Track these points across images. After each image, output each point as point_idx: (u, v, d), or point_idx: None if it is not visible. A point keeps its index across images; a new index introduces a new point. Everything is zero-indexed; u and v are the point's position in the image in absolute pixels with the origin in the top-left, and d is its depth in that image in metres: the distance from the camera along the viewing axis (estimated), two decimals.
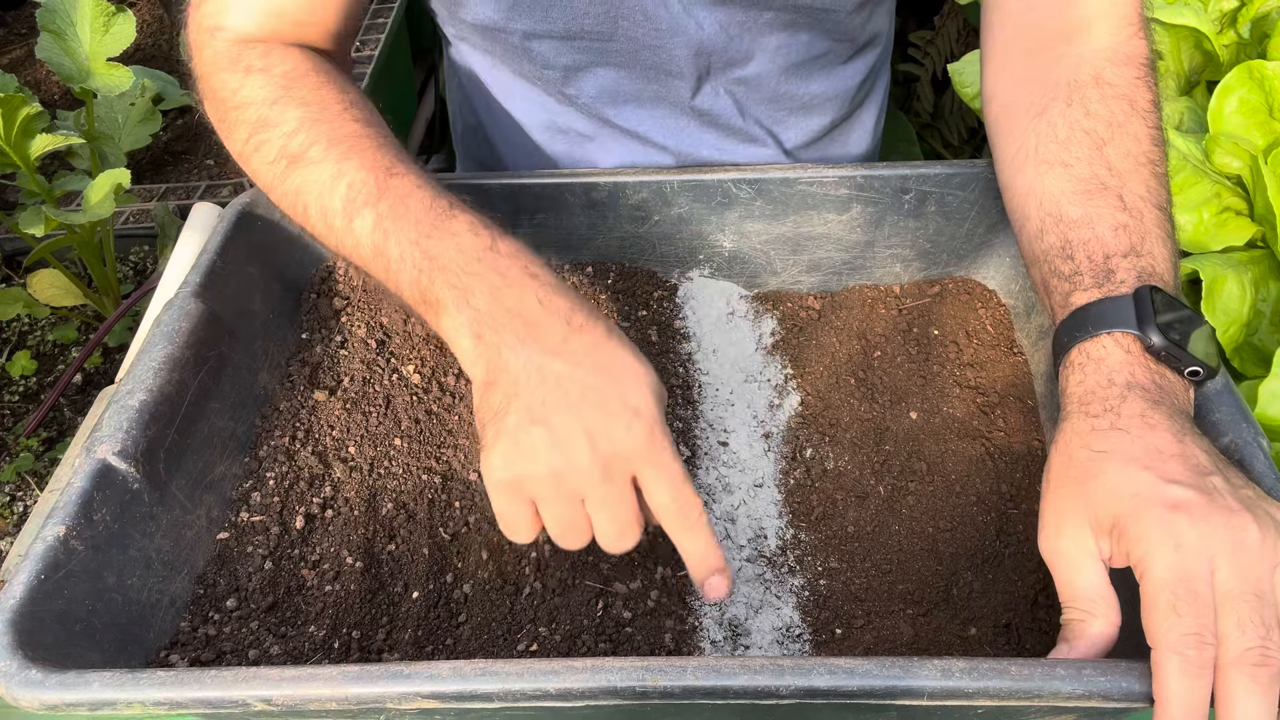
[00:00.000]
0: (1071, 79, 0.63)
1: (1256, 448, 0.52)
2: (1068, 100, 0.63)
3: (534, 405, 0.51)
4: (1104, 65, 0.63)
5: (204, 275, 0.67)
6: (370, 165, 0.58)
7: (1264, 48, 0.95)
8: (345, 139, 0.60)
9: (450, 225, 0.56)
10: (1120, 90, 0.62)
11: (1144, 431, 0.49)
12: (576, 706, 0.45)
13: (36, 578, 0.49)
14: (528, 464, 0.50)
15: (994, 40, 0.70)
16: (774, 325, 0.78)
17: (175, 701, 0.44)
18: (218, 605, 0.58)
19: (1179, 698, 0.42)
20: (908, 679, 0.43)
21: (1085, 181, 0.59)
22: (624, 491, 0.51)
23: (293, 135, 0.61)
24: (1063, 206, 0.59)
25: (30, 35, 2.21)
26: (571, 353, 0.52)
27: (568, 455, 0.50)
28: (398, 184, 0.57)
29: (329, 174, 0.58)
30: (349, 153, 0.59)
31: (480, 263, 0.54)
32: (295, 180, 0.60)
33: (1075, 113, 0.62)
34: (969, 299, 0.78)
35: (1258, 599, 0.43)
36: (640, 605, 0.58)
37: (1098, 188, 0.59)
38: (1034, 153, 0.63)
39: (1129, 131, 0.60)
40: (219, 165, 1.72)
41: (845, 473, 0.67)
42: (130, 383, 0.59)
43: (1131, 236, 0.57)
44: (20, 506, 1.35)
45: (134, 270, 1.63)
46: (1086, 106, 0.62)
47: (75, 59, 1.24)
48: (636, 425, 0.51)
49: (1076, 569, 0.49)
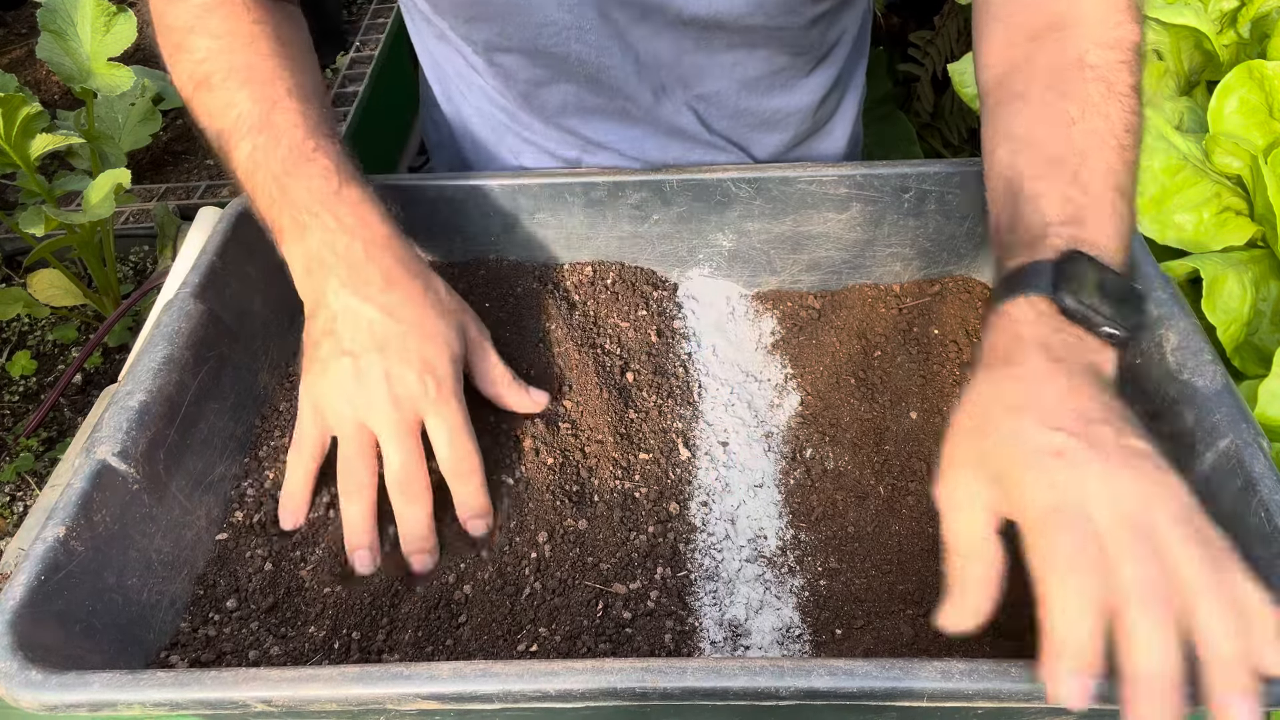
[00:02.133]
0: (1055, 63, 0.63)
1: (1256, 448, 0.52)
2: (1047, 83, 0.63)
3: (345, 340, 0.58)
4: (1088, 48, 0.63)
5: (204, 276, 0.67)
6: (258, 97, 0.64)
7: (1264, 48, 0.95)
8: (243, 69, 0.65)
9: (307, 167, 0.62)
10: (1100, 73, 0.62)
11: (1038, 384, 0.49)
12: (576, 708, 0.45)
13: (36, 578, 0.49)
14: (330, 389, 0.58)
15: (985, 27, 0.70)
16: (774, 325, 0.78)
17: (175, 702, 0.44)
18: (218, 606, 0.58)
19: (1065, 615, 0.42)
20: (908, 680, 0.43)
21: (1047, 160, 0.59)
22: (412, 429, 0.58)
23: (200, 63, 0.66)
24: (1022, 184, 0.59)
25: (30, 35, 2.21)
26: (385, 303, 0.59)
27: (365, 387, 0.58)
28: (278, 119, 0.63)
29: (223, 102, 0.64)
30: (244, 83, 0.64)
31: (323, 206, 0.61)
32: (200, 103, 0.66)
33: (1051, 95, 0.62)
34: (969, 298, 0.78)
35: (1134, 533, 0.43)
36: (640, 605, 0.58)
37: (1056, 165, 0.59)
38: (1007, 134, 0.63)
39: (1101, 112, 0.60)
40: (219, 165, 1.72)
41: (845, 473, 0.67)
42: (130, 383, 0.59)
43: (1076, 209, 0.56)
44: (20, 506, 1.35)
45: (134, 270, 1.63)
46: (1064, 89, 0.62)
47: (75, 59, 1.23)
48: (429, 378, 0.58)
49: (960, 515, 0.49)
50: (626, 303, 0.77)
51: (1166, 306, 0.60)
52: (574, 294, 0.77)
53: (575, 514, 0.63)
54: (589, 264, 0.79)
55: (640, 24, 0.73)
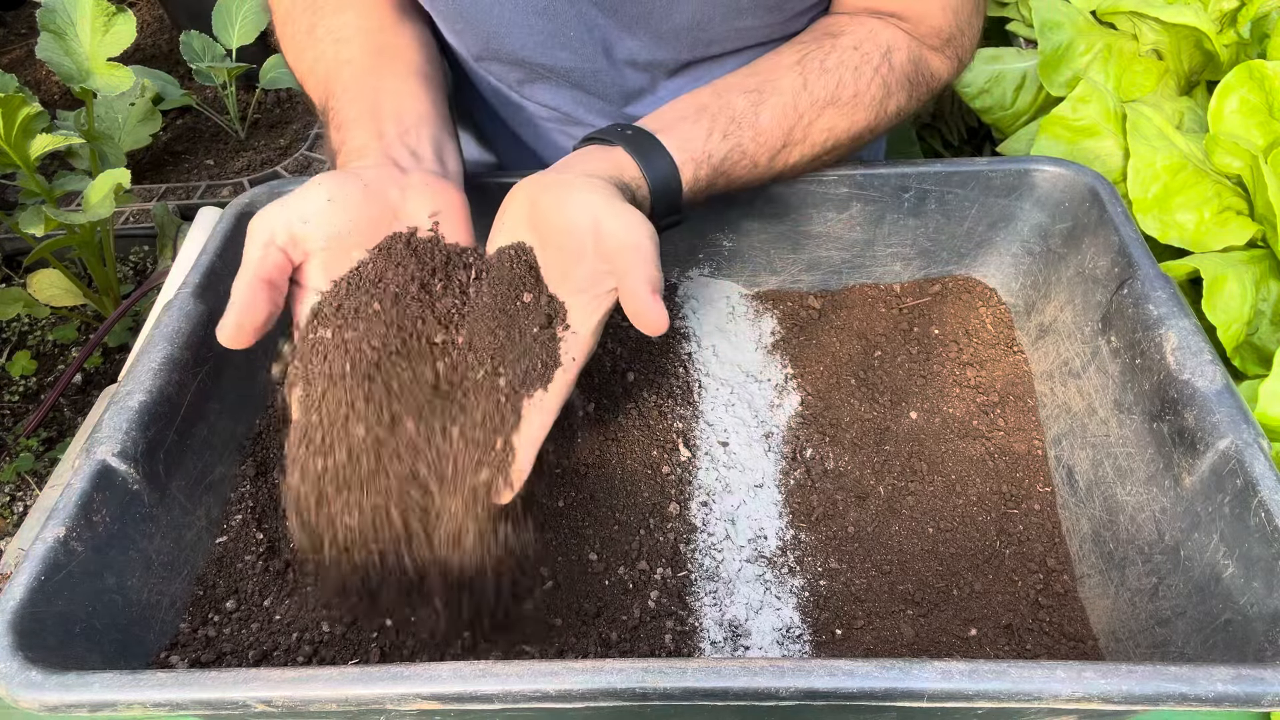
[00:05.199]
0: (868, 38, 0.67)
1: (1256, 448, 0.52)
2: (853, 46, 0.67)
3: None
4: (898, 48, 0.67)
5: (203, 276, 0.67)
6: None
7: (1264, 48, 0.95)
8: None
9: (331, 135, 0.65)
10: (887, 80, 0.67)
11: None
12: (576, 708, 0.45)
13: (36, 579, 0.49)
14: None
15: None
16: (774, 324, 0.78)
17: (175, 703, 0.44)
18: (217, 606, 0.58)
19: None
20: (908, 681, 0.43)
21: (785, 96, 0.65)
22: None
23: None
24: (755, 80, 0.66)
25: (30, 35, 2.21)
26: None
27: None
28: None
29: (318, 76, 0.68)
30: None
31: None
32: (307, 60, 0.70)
33: (841, 60, 0.66)
34: (969, 298, 0.78)
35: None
36: (640, 605, 0.58)
37: (792, 118, 0.65)
38: (798, 43, 0.69)
39: (847, 114, 0.66)
40: (219, 165, 1.72)
41: (845, 473, 0.67)
42: (130, 384, 0.59)
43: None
44: (20, 506, 1.35)
45: (134, 270, 1.63)
46: (857, 69, 0.66)
47: (75, 59, 1.23)
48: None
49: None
50: None
51: (1166, 306, 0.60)
52: None
53: (574, 514, 0.63)
54: None
55: (626, 35, 0.73)
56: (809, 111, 0.65)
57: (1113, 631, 0.58)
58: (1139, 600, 0.57)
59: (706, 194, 0.63)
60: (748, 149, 0.63)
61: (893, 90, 0.67)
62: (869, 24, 0.68)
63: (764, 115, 0.64)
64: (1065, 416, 0.68)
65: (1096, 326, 0.66)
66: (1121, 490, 0.60)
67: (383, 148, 0.59)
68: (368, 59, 0.66)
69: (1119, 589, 0.58)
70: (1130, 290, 0.62)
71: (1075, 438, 0.66)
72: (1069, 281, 0.71)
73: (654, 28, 0.71)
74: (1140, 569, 0.57)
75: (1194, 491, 0.54)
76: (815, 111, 0.65)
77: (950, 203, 0.75)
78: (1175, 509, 0.56)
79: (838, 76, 0.66)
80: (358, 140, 0.60)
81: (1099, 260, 0.67)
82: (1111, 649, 0.57)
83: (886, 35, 0.68)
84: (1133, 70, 1.02)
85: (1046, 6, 1.06)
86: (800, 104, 0.65)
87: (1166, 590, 0.55)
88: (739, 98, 0.64)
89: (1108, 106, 0.94)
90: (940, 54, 0.70)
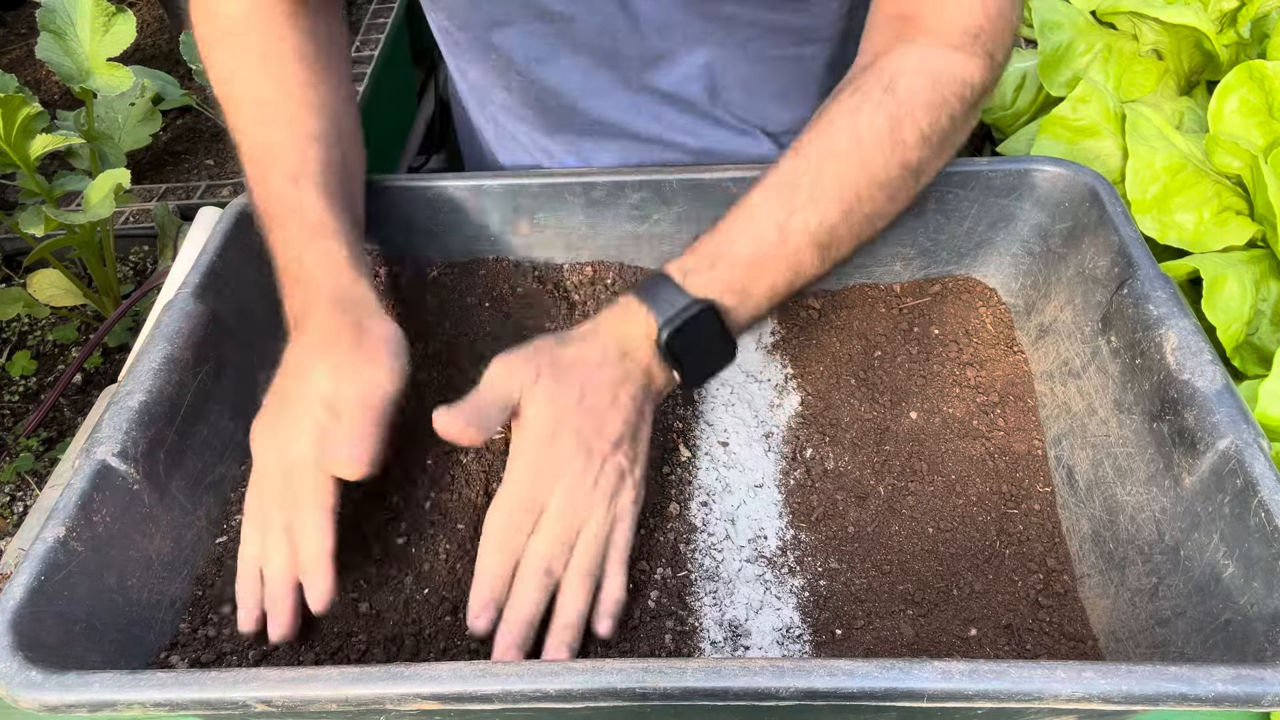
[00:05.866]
0: (870, 76, 0.63)
1: (1256, 448, 0.52)
2: (851, 91, 0.63)
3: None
4: (903, 72, 0.62)
5: (203, 276, 0.67)
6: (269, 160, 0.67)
7: (1264, 48, 0.95)
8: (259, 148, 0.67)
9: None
10: (891, 110, 0.61)
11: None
12: (576, 708, 0.45)
13: (36, 579, 0.49)
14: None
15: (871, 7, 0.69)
16: (774, 324, 0.78)
17: (175, 703, 0.44)
18: (218, 606, 0.58)
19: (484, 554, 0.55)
20: (908, 681, 0.43)
21: (782, 175, 0.61)
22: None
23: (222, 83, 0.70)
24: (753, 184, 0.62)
25: (30, 35, 2.21)
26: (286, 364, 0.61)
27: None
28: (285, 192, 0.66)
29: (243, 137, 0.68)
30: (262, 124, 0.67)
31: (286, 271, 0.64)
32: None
33: (837, 113, 0.62)
34: (969, 298, 0.78)
35: (565, 521, 0.55)
36: (640, 605, 0.58)
37: (788, 190, 0.60)
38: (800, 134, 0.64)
39: (855, 160, 0.60)
40: (219, 165, 1.72)
41: (845, 473, 0.67)
42: (130, 384, 0.59)
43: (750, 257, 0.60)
44: (20, 506, 1.35)
45: (134, 270, 1.63)
46: (855, 114, 0.61)
47: (75, 59, 1.23)
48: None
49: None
50: None
51: (1166, 306, 0.60)
52: (574, 294, 0.77)
53: None
54: (589, 264, 0.79)
55: None
56: (808, 173, 0.60)
57: (1113, 631, 0.58)
58: (1139, 600, 0.57)
59: (724, 280, 0.60)
60: (738, 227, 0.60)
61: (901, 118, 0.61)
62: (875, 64, 0.64)
63: (751, 197, 0.61)
64: (1065, 416, 0.68)
65: (1096, 326, 0.66)
66: (1121, 490, 0.60)
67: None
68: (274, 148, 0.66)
69: (1119, 589, 0.58)
70: (1130, 290, 0.62)
71: (1075, 438, 0.66)
72: (1069, 281, 0.71)
73: None
74: (1140, 569, 0.57)
75: (1194, 491, 0.54)
76: (816, 169, 0.60)
77: (950, 203, 0.75)
78: (1175, 509, 0.56)
79: (834, 130, 0.61)
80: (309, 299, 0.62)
81: (1099, 260, 0.67)
82: (1111, 649, 0.57)
83: (894, 65, 0.63)
84: (1133, 70, 1.02)
85: (1046, 6, 1.06)
86: (795, 171, 0.61)
87: (1166, 590, 0.55)
88: (731, 216, 0.62)
89: (1108, 107, 0.94)
90: (967, 53, 0.63)
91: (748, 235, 0.60)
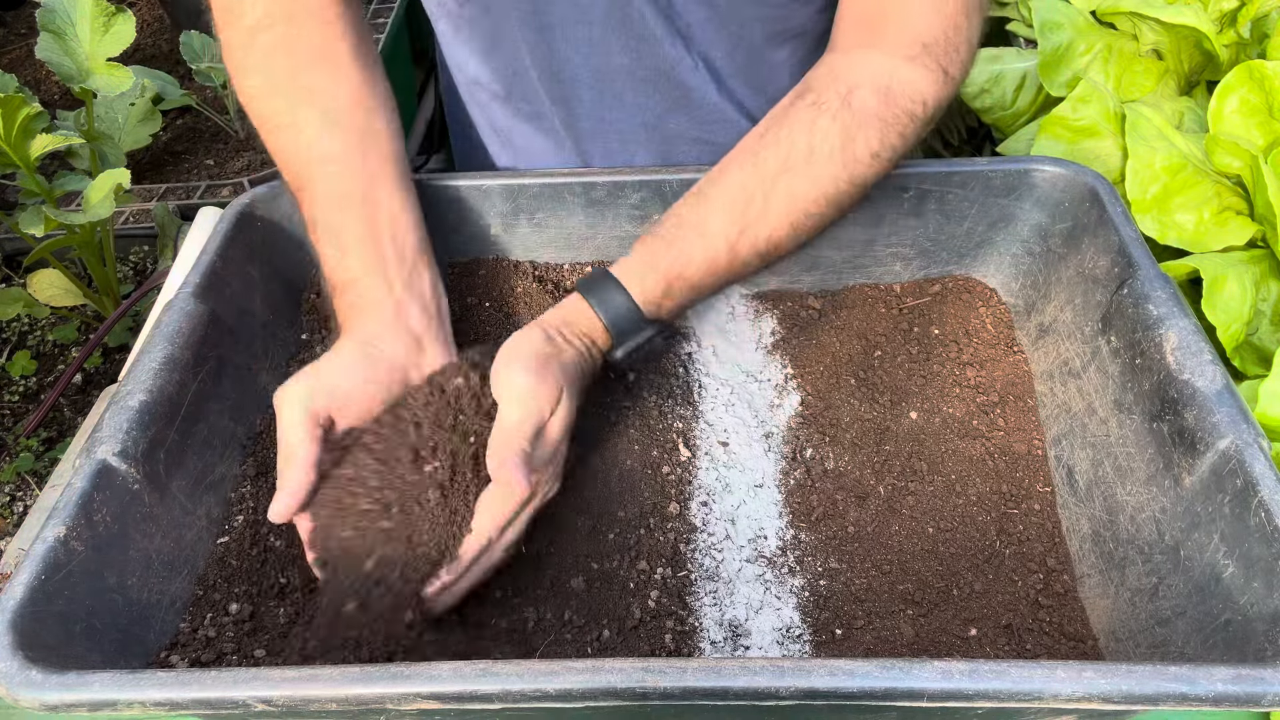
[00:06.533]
0: (828, 84, 0.64)
1: (1256, 448, 0.52)
2: (811, 101, 0.64)
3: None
4: (860, 85, 0.63)
5: (204, 276, 0.66)
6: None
7: (1264, 48, 0.95)
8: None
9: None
10: (846, 124, 0.63)
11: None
12: (576, 707, 0.45)
13: (37, 578, 0.49)
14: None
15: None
16: (774, 325, 0.78)
17: (175, 702, 0.44)
18: (218, 606, 0.58)
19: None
20: (908, 681, 0.43)
21: (736, 189, 0.63)
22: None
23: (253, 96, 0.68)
24: (701, 183, 0.65)
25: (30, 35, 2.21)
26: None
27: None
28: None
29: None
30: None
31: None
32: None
33: (793, 121, 0.64)
34: (969, 298, 0.78)
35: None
36: (640, 605, 0.58)
37: (740, 206, 0.63)
38: (755, 130, 0.66)
39: (807, 177, 0.63)
40: (219, 165, 1.72)
41: (845, 473, 0.67)
42: (130, 383, 0.59)
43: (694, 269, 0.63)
44: (20, 506, 1.35)
45: (134, 270, 1.63)
46: (811, 127, 0.63)
47: (75, 59, 1.23)
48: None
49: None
50: None
51: (1166, 306, 0.60)
52: None
53: (575, 514, 0.63)
54: (589, 264, 0.79)
55: None
56: (759, 188, 0.63)
57: (1113, 631, 0.58)
58: (1139, 600, 0.57)
59: (673, 301, 0.64)
60: (694, 248, 0.63)
61: (855, 132, 0.62)
62: (838, 66, 0.65)
63: (710, 212, 0.63)
64: (1065, 416, 0.68)
65: (1096, 326, 0.66)
66: (1121, 490, 0.60)
67: (394, 303, 0.62)
68: (352, 156, 0.66)
69: (1119, 589, 0.58)
70: (1130, 290, 0.62)
71: (1075, 438, 0.66)
72: (1069, 281, 0.71)
73: None
74: (1140, 569, 0.57)
75: (1194, 491, 0.54)
76: (768, 185, 0.63)
77: (950, 203, 0.75)
78: (1175, 509, 0.56)
79: (790, 142, 0.63)
80: (357, 270, 0.63)
81: (1099, 260, 0.67)
82: (1111, 649, 0.57)
83: (853, 74, 0.64)
84: (1133, 70, 1.02)
85: (1046, 6, 1.06)
86: (749, 185, 0.63)
87: (1166, 590, 0.55)
88: (686, 206, 0.65)
89: (1107, 107, 0.94)
90: (923, 68, 0.63)
91: (700, 254, 0.63)
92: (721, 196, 0.63)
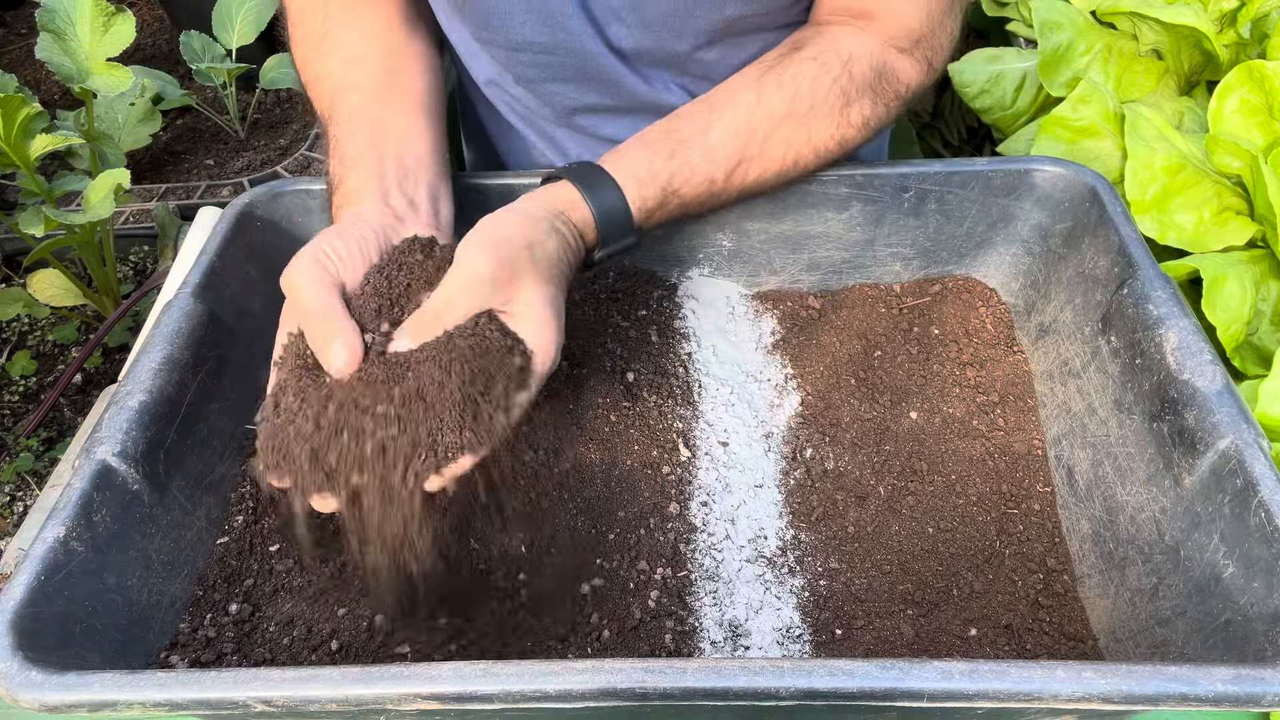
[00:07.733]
0: (829, 48, 0.67)
1: (1256, 448, 0.52)
2: (814, 56, 0.66)
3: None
4: (859, 57, 0.66)
5: (204, 276, 0.67)
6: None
7: (1264, 48, 0.95)
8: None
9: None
10: (845, 89, 0.66)
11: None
12: (576, 708, 0.45)
13: (37, 579, 0.49)
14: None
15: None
16: (774, 325, 0.78)
17: (175, 702, 0.44)
18: (218, 606, 0.58)
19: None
20: (908, 681, 0.43)
21: (746, 118, 0.65)
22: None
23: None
24: (709, 103, 0.67)
25: (30, 35, 2.21)
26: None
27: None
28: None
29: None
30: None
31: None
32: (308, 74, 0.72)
33: (798, 71, 0.66)
34: (969, 298, 0.78)
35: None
36: (640, 605, 0.58)
37: (745, 138, 0.65)
38: (759, 62, 0.68)
39: (805, 127, 0.66)
40: (219, 165, 1.72)
41: (845, 473, 0.67)
42: (130, 384, 0.59)
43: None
44: (20, 506, 1.35)
45: (134, 270, 1.63)
46: (815, 81, 0.66)
47: (75, 59, 1.23)
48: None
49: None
50: (626, 303, 0.77)
51: (1166, 306, 0.60)
52: (574, 293, 0.77)
53: (575, 514, 0.63)
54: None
55: (614, 20, 0.72)
56: (763, 125, 0.65)
57: (1113, 631, 0.58)
58: (1139, 600, 0.57)
59: (662, 214, 0.65)
60: (697, 166, 0.64)
61: (853, 99, 0.66)
62: (834, 34, 0.68)
63: (714, 133, 0.65)
64: (1065, 416, 0.68)
65: (1096, 326, 0.66)
66: (1121, 490, 0.60)
67: (381, 192, 0.62)
68: (374, 87, 0.68)
69: (1119, 589, 0.58)
70: (1130, 290, 0.62)
71: (1075, 438, 0.66)
72: (1069, 281, 0.71)
73: (640, 13, 0.71)
74: (1140, 569, 0.57)
75: (1194, 491, 0.54)
76: (771, 125, 0.65)
77: (950, 203, 0.75)
78: (1175, 509, 0.56)
79: (794, 89, 0.65)
80: (356, 180, 0.63)
81: (1099, 260, 0.67)
82: (1111, 649, 0.57)
83: (851, 44, 0.67)
84: (1133, 70, 1.02)
85: (1046, 6, 1.06)
86: (755, 119, 0.65)
87: (1166, 590, 0.55)
88: (688, 120, 0.65)
89: (1107, 107, 0.94)
90: (909, 56, 0.69)
91: (701, 175, 0.65)
92: (729, 124, 0.65)
